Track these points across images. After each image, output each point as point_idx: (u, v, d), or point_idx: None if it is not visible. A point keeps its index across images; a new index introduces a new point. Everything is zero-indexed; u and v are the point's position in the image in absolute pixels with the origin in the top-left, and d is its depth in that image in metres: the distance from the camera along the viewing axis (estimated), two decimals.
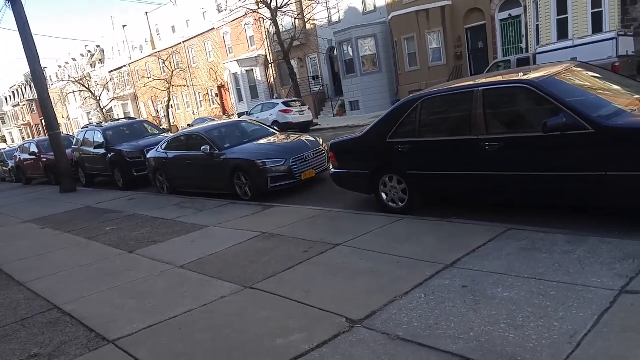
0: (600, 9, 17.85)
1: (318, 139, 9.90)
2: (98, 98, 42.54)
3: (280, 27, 25.92)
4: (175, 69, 36.74)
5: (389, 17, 24.34)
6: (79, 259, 6.54)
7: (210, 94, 37.80)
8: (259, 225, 6.87)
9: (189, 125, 27.75)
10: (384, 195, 6.82)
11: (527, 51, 20.38)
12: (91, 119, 48.82)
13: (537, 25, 19.46)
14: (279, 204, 8.17)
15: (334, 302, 3.98)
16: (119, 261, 6.14)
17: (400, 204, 6.63)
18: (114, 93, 46.24)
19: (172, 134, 13.24)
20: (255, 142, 9.78)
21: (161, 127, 17.15)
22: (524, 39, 21.46)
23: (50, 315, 4.61)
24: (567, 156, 4.86)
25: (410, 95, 6.62)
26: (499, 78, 6.04)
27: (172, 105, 39.62)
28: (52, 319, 4.49)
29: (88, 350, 3.74)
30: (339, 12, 27.23)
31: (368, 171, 6.85)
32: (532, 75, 5.39)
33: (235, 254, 5.69)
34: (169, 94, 37.33)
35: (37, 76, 13.85)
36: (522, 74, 5.81)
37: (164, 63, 36.76)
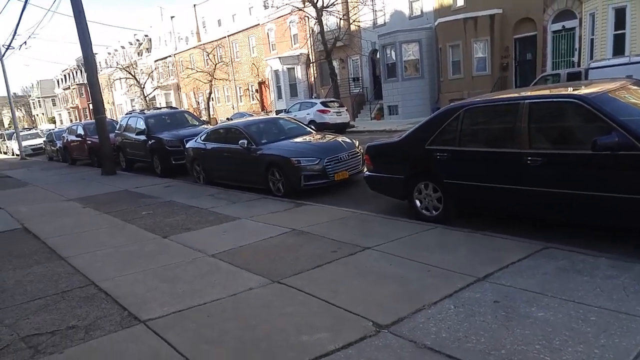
0: None
1: (354, 141, 9.88)
2: (142, 86, 43.71)
3: (325, 27, 25.97)
4: (219, 62, 37.37)
5: (436, 23, 24.04)
6: (115, 239, 6.76)
7: (250, 89, 38.27)
8: (290, 221, 6.90)
9: (227, 119, 28.18)
10: (417, 203, 6.75)
11: (578, 65, 19.60)
12: (134, 106, 50.18)
13: (592, 39, 18.67)
14: (310, 202, 8.19)
15: (361, 304, 3.96)
16: (153, 245, 6.30)
17: (434, 212, 6.55)
18: (157, 82, 47.41)
19: (211, 126, 13.47)
20: (292, 140, 9.84)
21: (201, 119, 17.45)
22: (576, 53, 20.62)
23: (88, 290, 4.81)
24: (617, 176, 4.68)
25: (453, 104, 6.54)
26: (547, 92, 5.88)
27: (212, 98, 40.31)
28: (89, 295, 4.68)
29: (121, 328, 3.88)
30: (384, 14, 27.06)
31: (403, 177, 6.79)
32: (584, 91, 5.22)
33: (265, 248, 5.74)
34: (210, 86, 37.99)
35: (89, 61, 14.35)
36: (572, 88, 5.65)
37: (208, 56, 37.43)
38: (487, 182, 5.79)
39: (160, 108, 18.73)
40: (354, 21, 25.61)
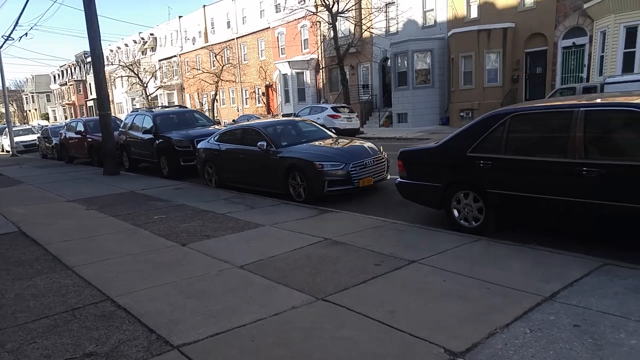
0: None
1: (380, 147, 9.40)
2: (145, 85, 43.14)
3: (338, 33, 25.56)
4: (226, 64, 36.89)
5: (449, 34, 23.72)
6: (128, 246, 6.16)
7: (257, 92, 37.79)
8: (318, 230, 6.40)
9: (233, 121, 27.65)
10: (455, 213, 6.28)
11: (587, 81, 19.49)
12: (135, 105, 49.59)
13: (602, 56, 18.66)
14: (335, 209, 7.71)
15: (425, 327, 3.47)
16: (171, 253, 5.74)
17: (473, 223, 6.10)
18: (161, 81, 46.84)
19: (224, 127, 12.96)
20: (314, 143, 9.35)
21: (212, 119, 16.92)
22: (585, 69, 20.54)
23: (104, 307, 4.17)
24: None
25: (497, 110, 6.07)
26: (599, 100, 5.42)
27: (217, 100, 39.80)
28: (106, 312, 4.05)
29: (151, 355, 3.28)
30: (397, 23, 26.70)
31: (441, 185, 6.34)
32: None
33: (298, 259, 5.22)
34: (216, 87, 37.49)
35: (97, 55, 13.82)
36: (626, 98, 5.21)
37: (215, 57, 36.94)
38: (536, 192, 5.40)
39: (169, 106, 18.17)
40: (368, 28, 25.16)
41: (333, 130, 10.97)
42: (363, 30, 25.97)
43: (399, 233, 6.07)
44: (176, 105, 19.05)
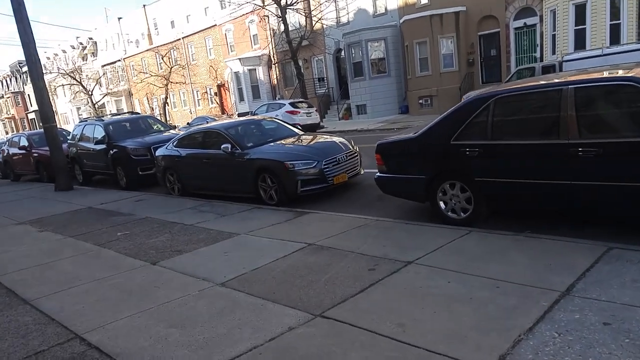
0: (618, 21, 17.52)
1: (350, 141, 9.06)
2: (90, 93, 41.15)
3: (289, 26, 25.01)
4: (174, 66, 35.64)
5: (401, 21, 23.65)
6: (92, 270, 5.55)
7: (209, 92, 36.72)
8: (299, 234, 6.00)
9: (188, 124, 26.69)
10: (442, 205, 6.01)
11: (541, 60, 19.87)
12: (81, 114, 47.34)
13: (554, 35, 19.07)
14: (311, 210, 7.32)
15: (442, 340, 3.14)
16: (142, 275, 5.19)
17: (462, 214, 5.85)
18: (107, 88, 44.82)
19: (182, 131, 12.29)
20: (281, 142, 8.90)
21: (167, 124, 16.13)
22: (538, 49, 20.96)
23: (72, 347, 3.60)
24: None
25: (479, 93, 5.82)
26: (590, 76, 5.25)
27: (168, 103, 38.47)
28: (76, 354, 3.49)
29: None
30: (348, 13, 26.44)
31: (425, 177, 6.05)
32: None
33: (285, 270, 4.80)
34: (166, 91, 36.18)
35: (33, 62, 12.75)
36: (622, 71, 5.05)
37: (162, 59, 35.62)
38: (529, 178, 5.17)
39: (119, 113, 17.20)
40: (319, 19, 24.74)
41: (299, 127, 10.51)
42: (314, 22, 25.55)
43: (385, 231, 5.74)
44: (128, 112, 18.07)
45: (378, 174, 6.75)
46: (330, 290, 4.14)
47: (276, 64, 30.02)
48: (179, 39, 36.93)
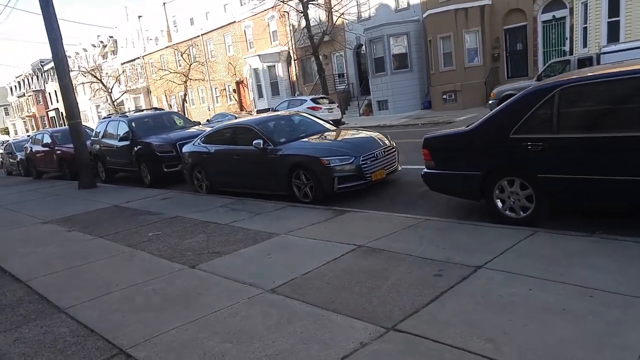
0: None
1: (387, 136, 8.63)
2: (110, 90, 41.23)
3: (304, 23, 24.57)
4: (193, 63, 35.46)
5: (424, 15, 23.11)
6: (127, 274, 5.20)
7: (227, 89, 36.49)
8: (345, 235, 5.60)
9: (207, 120, 26.45)
10: (499, 203, 5.56)
11: (571, 53, 19.17)
12: (100, 112, 47.54)
13: (585, 28, 18.36)
14: (352, 209, 6.90)
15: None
16: (183, 280, 4.83)
17: (521, 213, 5.41)
18: (125, 86, 44.88)
19: (207, 128, 11.97)
20: (314, 137, 8.51)
21: (191, 120, 15.84)
22: (567, 42, 20.28)
23: None
24: None
25: (541, 84, 5.35)
26: None
27: (186, 100, 38.33)
28: None
29: None
30: (369, 8, 25.94)
31: (480, 173, 5.60)
32: None
33: (338, 275, 4.40)
34: (185, 87, 36.04)
35: (60, 59, 12.56)
36: None
37: (181, 55, 35.45)
38: (602, 174, 4.68)
39: (142, 110, 16.96)
40: (342, 14, 24.23)
41: (330, 122, 10.10)
42: (336, 17, 25.09)
43: (440, 232, 5.32)
44: (152, 108, 17.84)
45: (425, 169, 6.32)
46: (396, 299, 3.73)
47: (296, 61, 29.62)
48: (198, 36, 36.77)
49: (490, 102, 15.88)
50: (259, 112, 28.26)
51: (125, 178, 13.75)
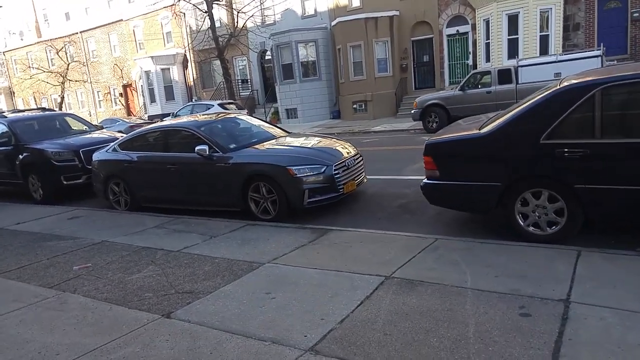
0: (547, 33, 18.30)
1: (350, 143, 7.70)
2: None
3: (208, 24, 22.84)
4: (71, 62, 31.41)
5: (333, 23, 22.73)
6: (68, 334, 3.55)
7: (113, 92, 32.92)
8: (350, 262, 4.54)
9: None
10: (519, 218, 4.89)
11: (474, 67, 20.05)
12: None
13: (487, 43, 19.38)
14: (332, 227, 5.82)
15: None
16: (163, 339, 3.36)
17: (548, 229, 4.78)
18: None
19: (132, 131, 10.03)
20: (271, 143, 7.29)
21: (93, 123, 13.43)
22: (470, 56, 21.23)
23: None
24: None
25: (578, 81, 4.76)
26: None
27: (63, 103, 33.88)
28: None
29: None
30: (274, 13, 24.97)
31: (500, 184, 4.89)
32: None
33: (392, 321, 3.31)
34: (62, 89, 31.77)
35: None
36: None
37: (57, 54, 31.21)
38: None
39: (24, 110, 14.09)
40: (249, 17, 22.86)
41: (283, 128, 8.88)
42: (241, 20, 23.70)
43: (471, 255, 4.45)
44: (39, 109, 14.94)
45: (426, 180, 5.48)
46: (501, 355, 2.76)
47: (193, 64, 27.57)
48: (76, 33, 32.73)
49: (412, 111, 15.77)
50: (150, 118, 25.74)
51: (4, 192, 11.11)
